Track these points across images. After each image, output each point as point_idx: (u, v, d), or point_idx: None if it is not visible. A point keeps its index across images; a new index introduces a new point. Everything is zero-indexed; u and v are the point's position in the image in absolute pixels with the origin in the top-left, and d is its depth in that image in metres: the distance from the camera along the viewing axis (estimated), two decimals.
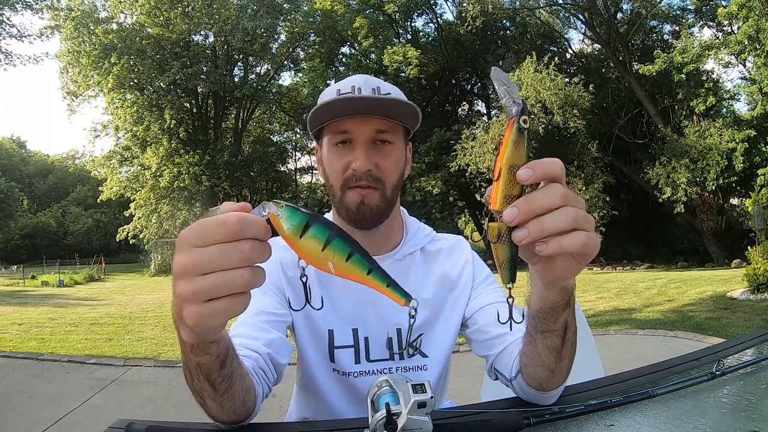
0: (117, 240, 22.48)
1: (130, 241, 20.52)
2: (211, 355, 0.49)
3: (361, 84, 0.79)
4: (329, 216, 0.90)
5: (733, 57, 13.18)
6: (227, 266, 0.37)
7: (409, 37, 19.39)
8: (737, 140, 11.82)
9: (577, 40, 29.58)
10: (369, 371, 0.82)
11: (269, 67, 22.54)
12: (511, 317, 0.49)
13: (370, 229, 0.81)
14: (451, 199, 16.15)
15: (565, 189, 0.42)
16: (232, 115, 23.19)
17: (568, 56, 18.37)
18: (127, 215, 20.35)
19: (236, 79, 21.40)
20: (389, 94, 0.80)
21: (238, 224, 0.36)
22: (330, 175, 0.80)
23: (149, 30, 19.16)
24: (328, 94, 0.81)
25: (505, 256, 0.45)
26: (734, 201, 15.78)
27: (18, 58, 17.42)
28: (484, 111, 21.60)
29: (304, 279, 0.45)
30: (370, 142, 0.77)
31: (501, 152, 0.43)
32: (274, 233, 0.40)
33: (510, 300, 0.49)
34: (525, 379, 0.68)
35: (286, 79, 32.97)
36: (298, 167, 28.74)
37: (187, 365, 0.51)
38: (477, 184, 19.48)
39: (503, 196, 0.42)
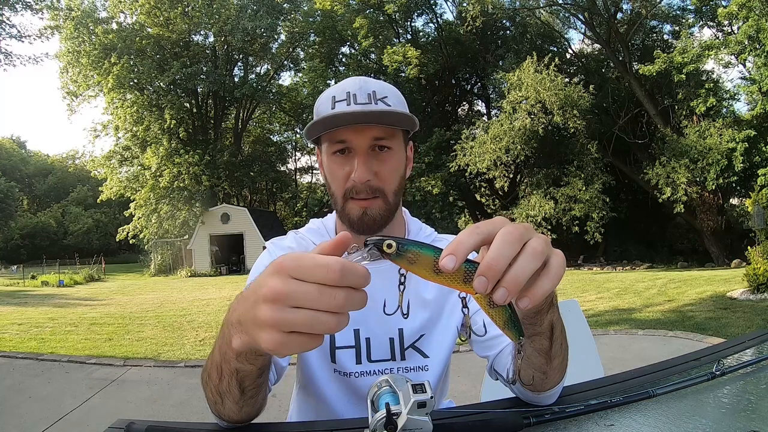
0: (117, 240, 22.50)
1: (130, 241, 20.53)
2: (255, 365, 0.50)
3: (356, 90, 0.78)
4: (331, 218, 0.91)
5: (733, 57, 13.19)
6: (318, 307, 0.37)
7: (409, 37, 19.40)
8: (737, 140, 11.82)
9: (577, 40, 29.65)
10: (370, 371, 0.83)
11: (269, 67, 22.56)
12: (518, 373, 0.49)
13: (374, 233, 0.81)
14: (451, 199, 16.17)
15: (513, 229, 0.40)
16: (232, 115, 23.21)
17: (568, 56, 18.38)
18: (127, 215, 20.36)
19: (236, 79, 21.42)
20: (386, 97, 0.79)
21: (341, 272, 0.36)
22: (332, 184, 0.80)
23: (149, 30, 19.18)
24: (323, 102, 0.81)
25: (505, 318, 0.44)
26: (734, 201, 15.79)
27: (18, 58, 17.50)
28: (484, 111, 21.62)
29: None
30: (369, 150, 0.77)
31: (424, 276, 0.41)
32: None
33: (520, 355, 0.48)
34: (520, 382, 0.69)
35: (286, 79, 33.02)
36: (298, 167, 28.82)
37: (221, 367, 0.52)
38: (477, 184, 19.51)
39: (459, 284, 0.41)
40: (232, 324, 0.44)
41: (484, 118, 18.47)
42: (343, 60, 20.68)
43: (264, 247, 0.91)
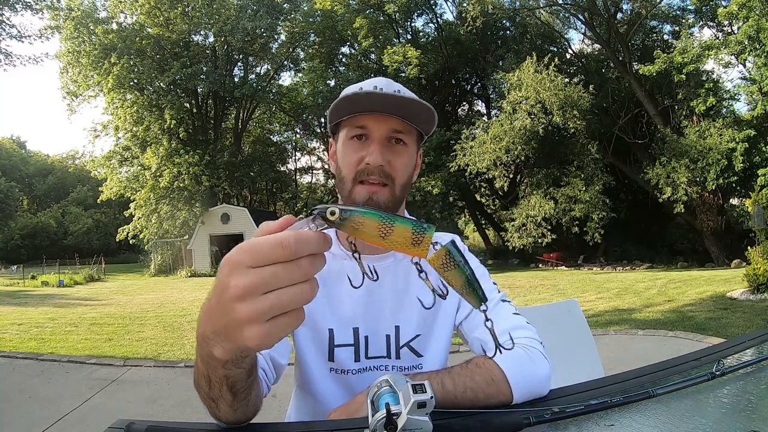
0: (117, 240, 22.49)
1: (130, 241, 20.52)
2: (243, 368, 0.50)
3: (383, 85, 0.81)
4: None
5: (733, 57, 13.19)
6: (288, 284, 0.37)
7: (409, 37, 19.40)
8: (737, 140, 11.82)
9: (577, 40, 29.65)
10: (367, 368, 0.84)
11: (269, 67, 22.55)
12: (497, 345, 0.47)
13: None
14: (451, 199, 16.17)
15: None
16: (232, 115, 23.19)
17: (568, 56, 18.39)
18: (127, 215, 20.35)
19: (236, 79, 21.40)
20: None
21: (296, 245, 0.37)
22: (343, 168, 0.82)
23: (149, 30, 19.17)
24: (350, 91, 0.83)
25: (462, 280, 0.43)
26: (734, 201, 15.77)
27: (18, 58, 17.46)
28: (484, 111, 21.62)
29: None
30: (385, 140, 0.79)
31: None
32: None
33: (488, 324, 0.46)
34: None
35: (286, 79, 32.99)
36: (298, 167, 28.76)
37: (208, 377, 0.52)
38: (477, 184, 19.50)
39: (408, 248, 0.41)
40: (208, 337, 0.43)
41: (484, 118, 18.47)
42: (343, 60, 20.68)
43: None
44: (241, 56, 21.39)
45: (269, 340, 0.38)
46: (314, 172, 28.70)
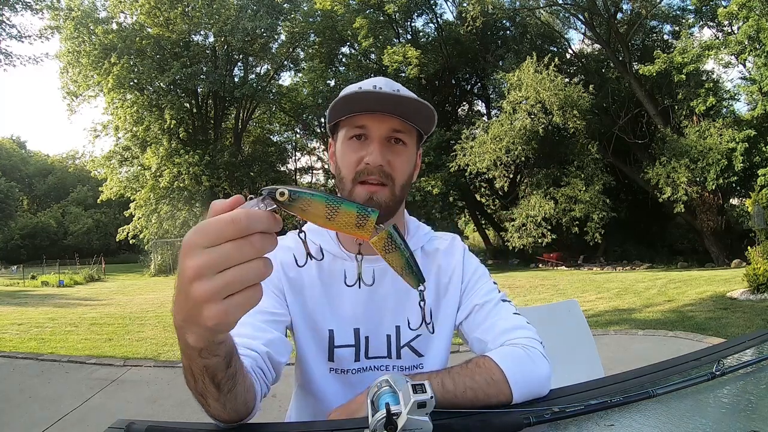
0: (117, 240, 22.48)
1: (130, 241, 20.51)
2: (219, 356, 0.50)
3: (383, 84, 0.81)
4: None
5: (733, 57, 13.18)
6: (241, 260, 0.38)
7: (409, 37, 19.39)
8: (737, 140, 11.81)
9: (577, 40, 29.58)
10: (367, 368, 0.84)
11: (269, 67, 22.52)
12: (424, 320, 0.54)
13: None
14: (451, 199, 16.16)
15: None
16: (232, 115, 23.17)
17: (568, 56, 18.37)
18: (127, 215, 20.34)
19: (236, 79, 21.38)
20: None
21: (247, 220, 0.38)
22: (342, 168, 0.81)
23: (149, 30, 19.16)
24: (349, 90, 0.83)
25: (402, 263, 0.48)
26: (734, 201, 15.77)
27: (18, 58, 17.36)
28: (484, 111, 21.61)
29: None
30: (385, 140, 0.79)
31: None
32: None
33: (422, 303, 0.53)
34: None
35: (286, 79, 32.89)
36: (298, 167, 28.74)
37: (191, 369, 0.51)
38: (477, 184, 19.49)
39: (352, 230, 0.45)
40: (180, 326, 0.44)
41: (484, 118, 18.46)
42: (343, 60, 20.66)
43: None
44: (241, 56, 21.36)
45: (227, 319, 0.39)
46: (314, 172, 28.71)
